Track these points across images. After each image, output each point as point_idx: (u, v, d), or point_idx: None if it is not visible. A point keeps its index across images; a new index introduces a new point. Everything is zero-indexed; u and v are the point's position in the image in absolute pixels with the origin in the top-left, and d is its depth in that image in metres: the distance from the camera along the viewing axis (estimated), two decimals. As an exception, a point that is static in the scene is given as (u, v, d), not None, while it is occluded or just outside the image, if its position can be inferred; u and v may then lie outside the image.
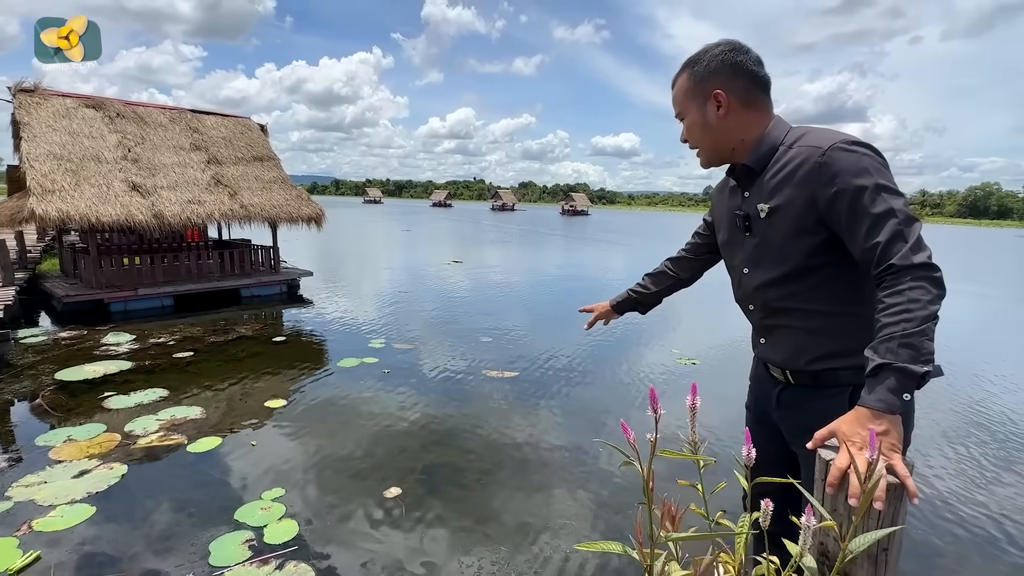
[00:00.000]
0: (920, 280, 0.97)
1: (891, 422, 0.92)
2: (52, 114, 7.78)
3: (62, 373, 5.02)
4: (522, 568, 2.54)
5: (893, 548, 0.79)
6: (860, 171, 1.06)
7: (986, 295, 12.53)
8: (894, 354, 0.93)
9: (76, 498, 3.00)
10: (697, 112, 1.27)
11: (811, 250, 1.16)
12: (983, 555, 2.76)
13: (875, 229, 1.03)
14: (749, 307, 1.36)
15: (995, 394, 5.26)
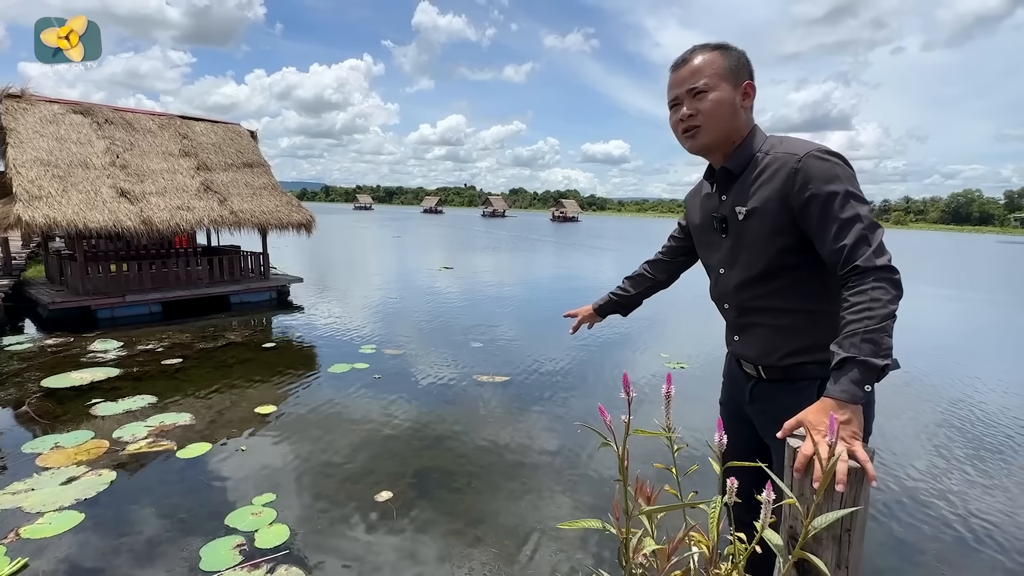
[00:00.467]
0: (881, 281, 1.05)
1: (853, 411, 0.99)
2: (39, 120, 7.72)
3: (48, 380, 4.97)
4: (512, 569, 2.57)
5: (856, 529, 0.84)
6: (831, 178, 1.14)
7: (969, 298, 12.78)
8: (857, 348, 1.01)
9: (64, 505, 2.98)
10: (728, 91, 1.27)
11: (784, 250, 1.23)
12: (960, 550, 2.83)
13: (842, 232, 1.11)
14: (724, 306, 1.43)
15: (969, 394, 5.38)
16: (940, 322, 9.78)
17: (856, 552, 0.84)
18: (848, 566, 0.84)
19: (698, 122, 1.29)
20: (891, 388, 5.51)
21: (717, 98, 1.26)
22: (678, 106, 1.33)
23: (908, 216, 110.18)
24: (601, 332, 7.18)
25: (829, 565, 0.83)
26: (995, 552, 2.82)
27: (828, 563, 0.83)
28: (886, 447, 4.04)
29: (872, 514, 3.16)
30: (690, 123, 1.30)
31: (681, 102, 1.31)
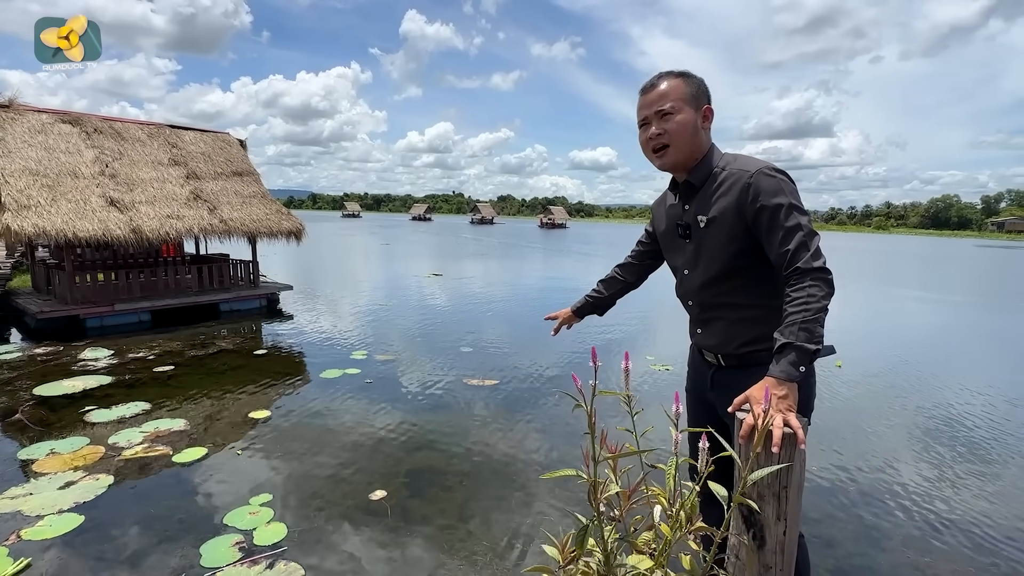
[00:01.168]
0: (817, 281, 1.24)
1: (790, 388, 1.16)
2: (28, 130, 7.73)
3: (40, 388, 4.99)
4: (502, 561, 2.68)
5: (792, 486, 0.99)
6: (777, 192, 1.33)
7: (955, 302, 13.15)
8: (795, 335, 1.19)
9: (63, 508, 3.04)
10: (690, 113, 1.43)
11: (739, 254, 1.41)
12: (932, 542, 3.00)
13: (787, 239, 1.29)
14: (689, 302, 1.61)
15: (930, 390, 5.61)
16: (914, 321, 10.08)
17: (793, 506, 0.98)
18: (787, 518, 0.98)
19: (666, 140, 1.46)
20: (867, 384, 5.72)
21: (682, 120, 1.43)
22: (647, 125, 1.50)
23: (889, 221, 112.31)
24: (590, 337, 7.34)
25: (770, 517, 0.97)
26: (956, 536, 3.00)
27: (769, 515, 0.97)
28: (853, 438, 4.23)
29: (844, 502, 3.33)
30: (659, 141, 1.47)
31: (650, 122, 1.48)
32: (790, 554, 1.00)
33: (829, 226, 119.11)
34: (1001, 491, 3.53)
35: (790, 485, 0.98)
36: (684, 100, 1.43)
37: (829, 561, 2.78)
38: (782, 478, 0.96)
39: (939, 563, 2.77)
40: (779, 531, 0.98)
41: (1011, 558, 2.81)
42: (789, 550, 0.99)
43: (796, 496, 0.99)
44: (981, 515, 3.22)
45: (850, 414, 4.88)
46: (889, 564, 2.77)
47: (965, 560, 2.79)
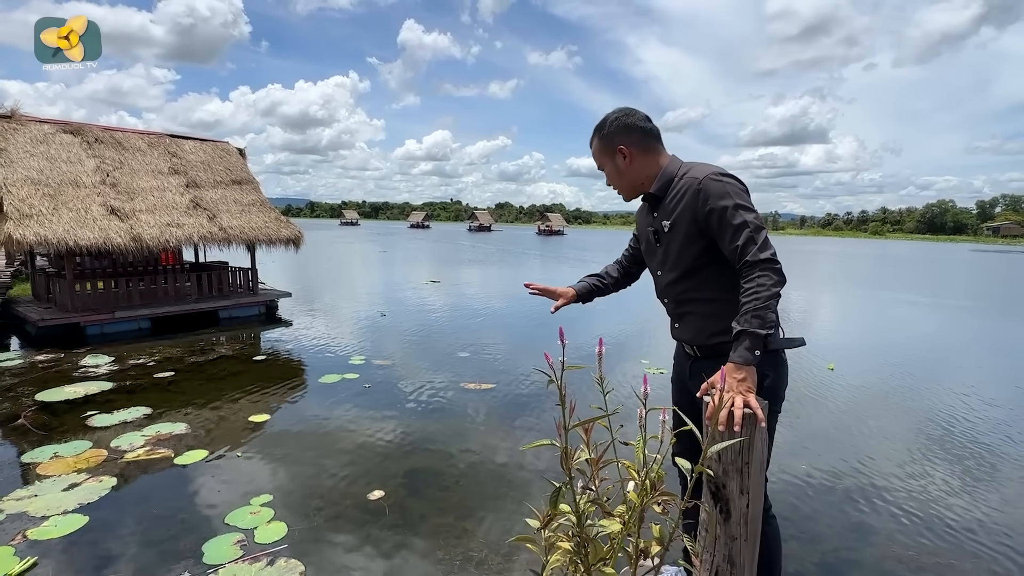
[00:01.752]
0: (765, 271, 1.37)
1: (748, 371, 1.28)
2: (29, 140, 7.84)
3: (42, 394, 5.06)
4: (498, 557, 2.75)
5: (753, 463, 1.08)
6: (724, 195, 1.46)
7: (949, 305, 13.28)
8: (748, 322, 1.32)
9: (68, 509, 3.10)
10: (611, 164, 1.69)
11: (700, 253, 1.56)
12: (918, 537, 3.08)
13: (736, 236, 1.43)
14: (664, 300, 1.76)
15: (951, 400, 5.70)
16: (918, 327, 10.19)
17: (755, 481, 1.07)
18: (749, 492, 1.07)
19: (614, 187, 1.76)
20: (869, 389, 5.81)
21: (607, 171, 1.74)
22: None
23: (885, 227, 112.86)
24: (587, 341, 7.42)
25: (734, 491, 1.06)
26: (940, 531, 3.08)
27: (733, 489, 1.06)
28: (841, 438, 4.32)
29: (831, 500, 3.41)
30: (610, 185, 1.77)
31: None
32: (754, 526, 1.08)
33: (826, 232, 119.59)
34: (986, 489, 3.62)
35: (751, 461, 1.06)
36: (601, 155, 1.71)
37: (815, 555, 2.86)
38: (744, 454, 1.05)
39: (922, 556, 2.85)
40: (743, 504, 1.07)
41: (993, 551, 2.89)
42: (753, 522, 1.08)
43: (758, 471, 1.08)
44: (965, 511, 3.30)
45: (840, 415, 4.97)
46: (874, 558, 2.84)
47: (948, 554, 2.87)
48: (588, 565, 1.02)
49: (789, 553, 2.85)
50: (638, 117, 1.67)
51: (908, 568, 2.75)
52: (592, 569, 1.02)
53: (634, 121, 1.66)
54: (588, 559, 1.02)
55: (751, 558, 1.10)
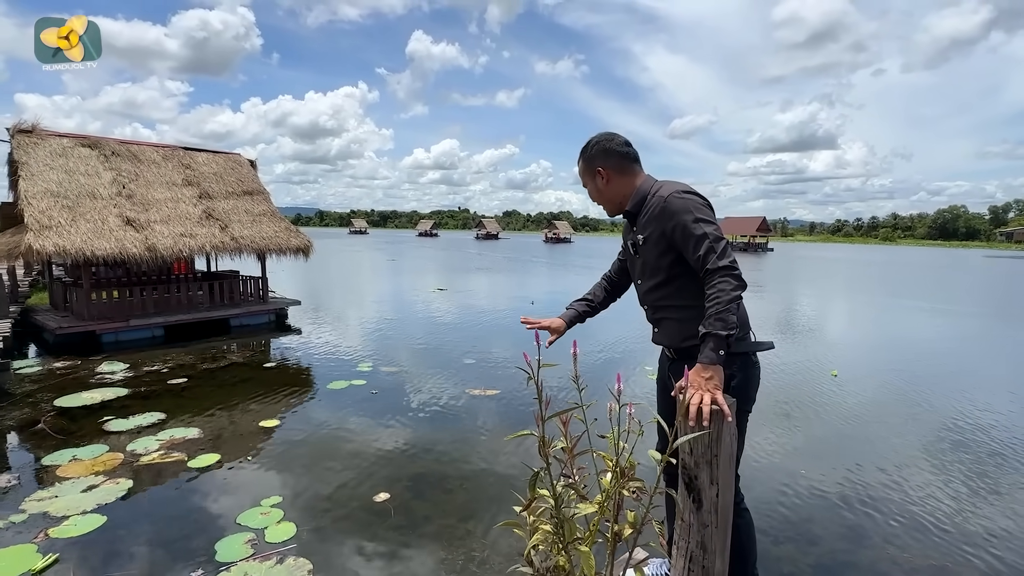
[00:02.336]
0: (725, 277, 1.50)
1: (715, 371, 1.39)
2: (49, 153, 8.09)
3: (61, 400, 5.22)
4: (499, 557, 2.84)
5: (722, 455, 1.17)
6: (686, 211, 1.61)
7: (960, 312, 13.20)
8: (711, 325, 1.44)
9: (87, 509, 3.23)
10: (592, 183, 1.89)
11: (671, 264, 1.70)
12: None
13: (697, 247, 1.56)
14: (644, 307, 1.90)
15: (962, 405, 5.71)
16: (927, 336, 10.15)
17: (725, 473, 1.16)
18: (719, 483, 1.16)
19: (595, 201, 1.93)
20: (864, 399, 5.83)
21: (589, 190, 1.92)
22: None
23: (896, 233, 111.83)
24: (591, 349, 7.50)
25: (705, 481, 1.15)
26: (934, 534, 3.12)
27: (704, 480, 1.15)
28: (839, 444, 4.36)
29: (829, 504, 3.46)
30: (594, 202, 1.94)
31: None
32: (724, 515, 1.17)
33: (836, 238, 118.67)
34: (982, 493, 3.65)
35: (720, 454, 1.15)
36: (584, 175, 1.91)
37: (811, 557, 2.92)
38: (713, 447, 1.14)
39: (916, 559, 2.90)
40: (712, 494, 1.15)
41: (989, 556, 2.93)
42: (724, 511, 1.17)
43: (727, 464, 1.17)
44: (959, 514, 3.34)
45: (840, 420, 5.01)
46: (869, 560, 2.89)
47: (942, 557, 2.92)
48: (565, 543, 1.11)
49: (785, 555, 2.92)
50: (617, 142, 1.84)
51: (903, 570, 2.80)
52: (569, 547, 1.11)
53: (612, 146, 1.83)
54: (565, 537, 1.11)
55: (722, 545, 1.19)
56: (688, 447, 1.16)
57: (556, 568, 1.13)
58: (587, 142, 1.87)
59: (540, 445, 1.20)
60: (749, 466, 3.95)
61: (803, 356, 7.62)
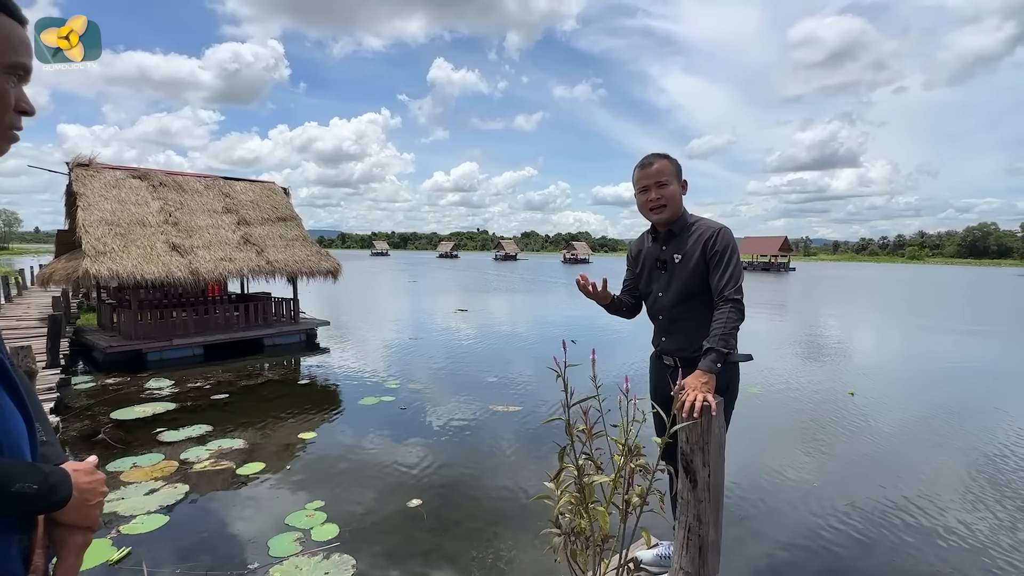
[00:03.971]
0: (735, 307, 1.82)
1: (710, 377, 1.69)
2: (104, 185, 8.76)
3: (116, 413, 5.64)
4: (527, 553, 3.08)
5: (712, 443, 1.43)
6: (728, 244, 1.94)
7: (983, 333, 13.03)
8: (716, 342, 1.74)
9: (151, 509, 3.58)
10: (677, 186, 2.06)
11: (699, 281, 1.98)
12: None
13: (723, 275, 1.88)
14: (659, 317, 2.14)
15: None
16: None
17: (715, 457, 1.43)
18: (710, 466, 1.43)
19: (663, 202, 2.05)
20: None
21: (672, 190, 2.04)
22: (647, 191, 2.08)
23: (924, 251, 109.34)
24: (611, 365, 7.71)
25: (699, 465, 1.42)
26: (942, 545, 3.26)
27: (699, 463, 1.42)
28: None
29: (837, 512, 3.61)
30: (657, 203, 2.07)
31: (649, 189, 2.07)
32: (716, 492, 1.42)
33: (860, 257, 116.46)
34: (987, 504, 3.76)
35: (710, 442, 1.42)
36: (673, 175, 2.05)
37: (820, 565, 3.09)
38: (704, 436, 1.41)
39: (920, 567, 3.05)
40: (705, 475, 1.41)
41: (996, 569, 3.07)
42: (715, 490, 1.42)
43: (716, 450, 1.43)
44: (967, 530, 3.46)
45: (855, 436, 5.13)
46: (875, 567, 3.05)
47: (947, 565, 3.06)
48: (586, 504, 1.38)
49: (795, 561, 3.09)
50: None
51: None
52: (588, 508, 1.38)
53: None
54: (585, 499, 1.38)
55: (715, 517, 1.44)
56: (685, 436, 1.44)
57: (578, 529, 1.40)
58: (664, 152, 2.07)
59: (567, 427, 1.48)
60: (765, 478, 4.13)
61: (821, 379, 7.72)
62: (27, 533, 0.73)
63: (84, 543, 0.78)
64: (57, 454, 0.83)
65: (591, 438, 1.50)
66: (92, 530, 0.79)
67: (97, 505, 0.78)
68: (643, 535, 1.43)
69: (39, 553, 0.73)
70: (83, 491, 0.75)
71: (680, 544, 1.49)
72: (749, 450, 4.70)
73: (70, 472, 0.75)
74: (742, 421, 3.62)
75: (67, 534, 0.76)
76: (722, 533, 1.48)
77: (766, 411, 5.91)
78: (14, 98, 0.73)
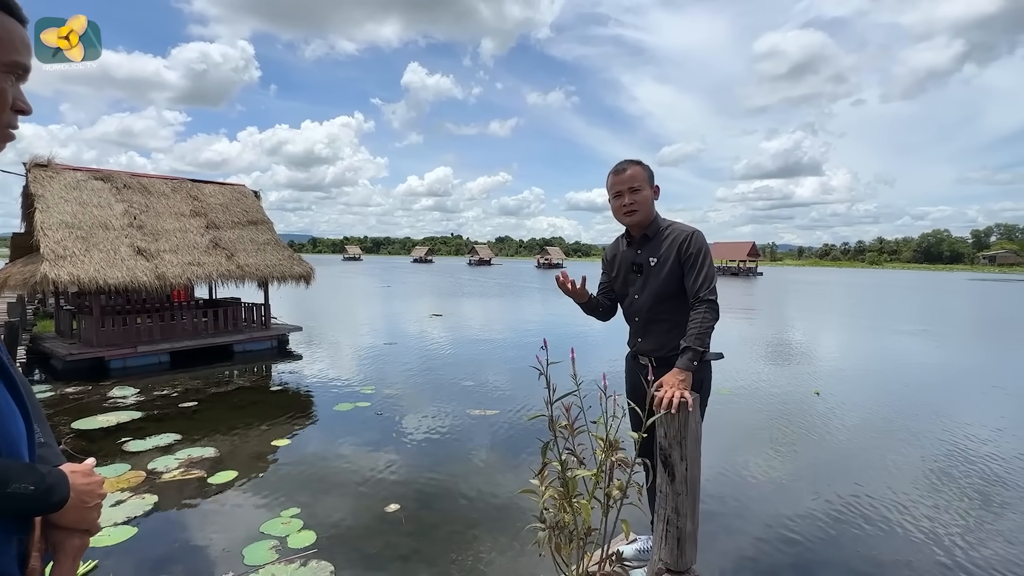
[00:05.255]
0: (710, 307, 1.91)
1: (687, 375, 1.77)
2: (64, 186, 8.43)
3: (78, 423, 5.43)
4: (505, 555, 3.10)
5: (688, 437, 1.50)
6: (702, 248, 2.03)
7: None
8: (692, 341, 1.83)
9: (118, 521, 3.46)
10: (649, 191, 2.14)
11: (674, 284, 2.06)
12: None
13: (698, 277, 1.97)
14: (635, 318, 2.22)
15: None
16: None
17: (692, 451, 1.49)
18: (687, 459, 1.49)
19: (636, 207, 2.13)
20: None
21: (644, 196, 2.14)
22: (621, 195, 2.17)
23: (882, 256, 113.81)
24: (592, 367, 7.79)
25: (677, 459, 1.48)
26: (900, 535, 3.42)
27: (676, 457, 1.48)
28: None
29: (804, 509, 3.75)
30: (630, 208, 2.15)
31: (623, 193, 2.16)
32: (693, 485, 1.49)
33: (823, 262, 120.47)
34: (943, 497, 3.96)
35: (687, 436, 1.48)
36: (646, 181, 2.14)
37: (789, 557, 3.20)
38: (681, 431, 1.47)
39: (883, 555, 3.19)
40: (683, 468, 1.47)
41: (949, 553, 3.24)
42: (692, 482, 1.49)
43: (693, 444, 1.49)
44: (927, 521, 3.64)
45: (822, 434, 5.32)
46: (841, 558, 3.18)
47: (909, 554, 3.21)
48: (569, 497, 1.42)
49: (765, 554, 3.20)
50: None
51: (870, 565, 3.09)
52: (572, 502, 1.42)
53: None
54: (568, 492, 1.43)
55: (692, 509, 1.50)
56: (663, 432, 1.50)
57: (562, 523, 1.44)
58: (637, 159, 2.16)
59: (550, 423, 1.52)
60: (738, 474, 4.26)
61: (788, 378, 7.98)
62: (26, 535, 0.72)
63: (82, 546, 0.77)
64: (55, 455, 0.83)
65: (573, 434, 1.54)
66: (90, 533, 0.79)
67: (95, 507, 0.78)
68: (623, 528, 1.48)
69: (35, 556, 0.73)
70: (81, 493, 0.75)
71: (659, 536, 1.54)
72: (720, 448, 4.83)
73: (68, 473, 0.75)
74: (713, 420, 3.73)
75: (64, 537, 0.76)
76: (698, 525, 1.54)
77: (736, 410, 6.08)
78: (12, 97, 0.73)
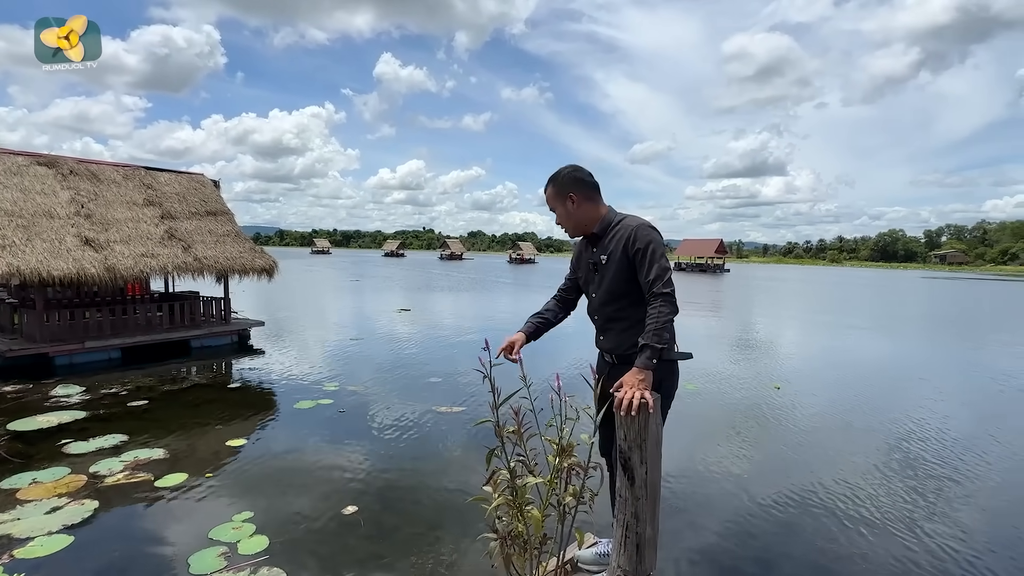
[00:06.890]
0: (665, 301, 1.84)
1: (646, 374, 1.71)
2: (3, 172, 7.89)
3: (14, 424, 5.09)
4: (468, 558, 3.01)
5: (649, 440, 1.44)
6: (649, 241, 1.95)
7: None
8: (650, 338, 1.77)
9: (52, 530, 3.23)
10: (562, 207, 2.16)
11: (627, 281, 2.01)
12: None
13: (650, 271, 1.90)
14: (595, 317, 2.20)
15: (870, 409, 6.23)
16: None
17: (652, 454, 1.43)
18: (647, 462, 1.43)
19: (562, 222, 2.24)
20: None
21: (559, 212, 2.21)
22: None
23: (842, 255, 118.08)
24: (562, 367, 7.77)
25: (637, 462, 1.42)
26: (856, 527, 3.48)
27: (636, 461, 1.42)
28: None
29: (760, 504, 3.79)
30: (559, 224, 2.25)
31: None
32: (653, 489, 1.43)
33: (787, 259, 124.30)
34: (902, 493, 4.07)
35: (647, 439, 1.42)
36: (554, 200, 2.19)
37: (752, 551, 3.22)
38: (641, 433, 1.41)
39: (841, 547, 3.24)
40: (643, 472, 1.42)
41: (904, 547, 3.31)
42: (652, 486, 1.43)
43: (654, 447, 1.44)
44: (879, 511, 3.73)
45: (781, 428, 5.42)
46: (801, 551, 3.22)
47: (864, 545, 3.27)
48: (519, 507, 1.35)
49: (728, 549, 3.21)
50: (584, 173, 2.18)
51: (828, 558, 3.14)
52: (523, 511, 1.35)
53: (582, 176, 2.16)
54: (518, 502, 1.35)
55: (652, 514, 1.45)
56: (623, 434, 1.44)
57: (515, 533, 1.37)
58: (557, 171, 2.17)
59: (496, 428, 1.44)
60: (698, 467, 4.28)
61: (750, 374, 8.13)
62: None
63: None
64: None
65: (522, 439, 1.46)
66: None
67: None
68: (576, 537, 1.42)
69: None
70: None
71: (618, 542, 1.49)
72: (684, 445, 4.85)
73: None
74: (677, 416, 3.72)
75: None
76: (659, 529, 1.49)
77: (700, 406, 6.14)
78: None
